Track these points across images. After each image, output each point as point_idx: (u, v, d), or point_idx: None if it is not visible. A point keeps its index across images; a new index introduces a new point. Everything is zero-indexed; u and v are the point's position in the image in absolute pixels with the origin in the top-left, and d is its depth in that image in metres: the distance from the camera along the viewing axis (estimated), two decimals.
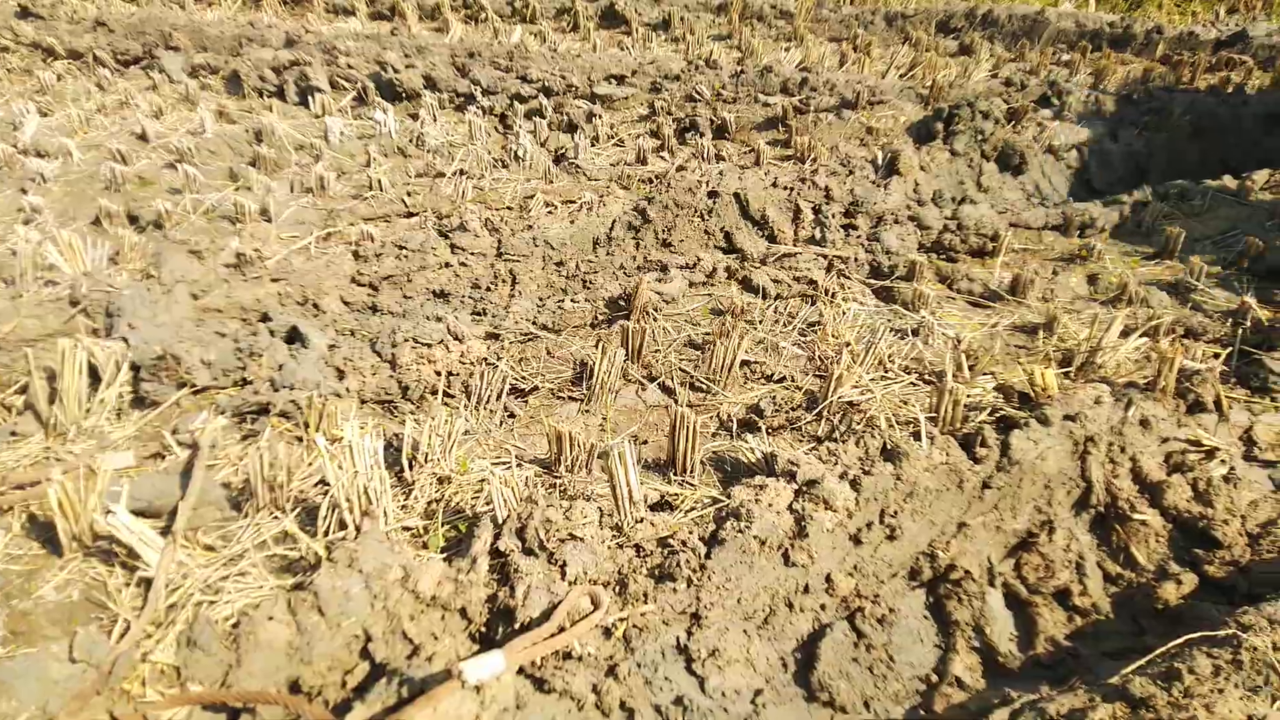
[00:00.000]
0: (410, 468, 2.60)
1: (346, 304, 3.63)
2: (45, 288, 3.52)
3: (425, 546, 2.35)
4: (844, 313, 3.52)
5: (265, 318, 3.38)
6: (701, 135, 5.33)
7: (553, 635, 1.93)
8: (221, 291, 3.52)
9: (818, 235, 4.09)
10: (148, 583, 2.16)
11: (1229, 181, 4.61)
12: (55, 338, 3.09)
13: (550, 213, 4.52)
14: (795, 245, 4.06)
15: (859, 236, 4.06)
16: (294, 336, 3.15)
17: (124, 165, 4.89)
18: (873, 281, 3.79)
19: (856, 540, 2.26)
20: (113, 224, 4.27)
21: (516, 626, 2.00)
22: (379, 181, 4.72)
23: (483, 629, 2.08)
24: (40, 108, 5.96)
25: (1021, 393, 2.89)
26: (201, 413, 2.80)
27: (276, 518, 2.40)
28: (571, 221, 4.36)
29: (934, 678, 2.09)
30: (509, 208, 4.62)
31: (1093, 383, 2.84)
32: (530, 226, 4.29)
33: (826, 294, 3.61)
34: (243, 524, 2.40)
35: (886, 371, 3.07)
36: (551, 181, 4.91)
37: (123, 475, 2.51)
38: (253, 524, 2.39)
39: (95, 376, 2.87)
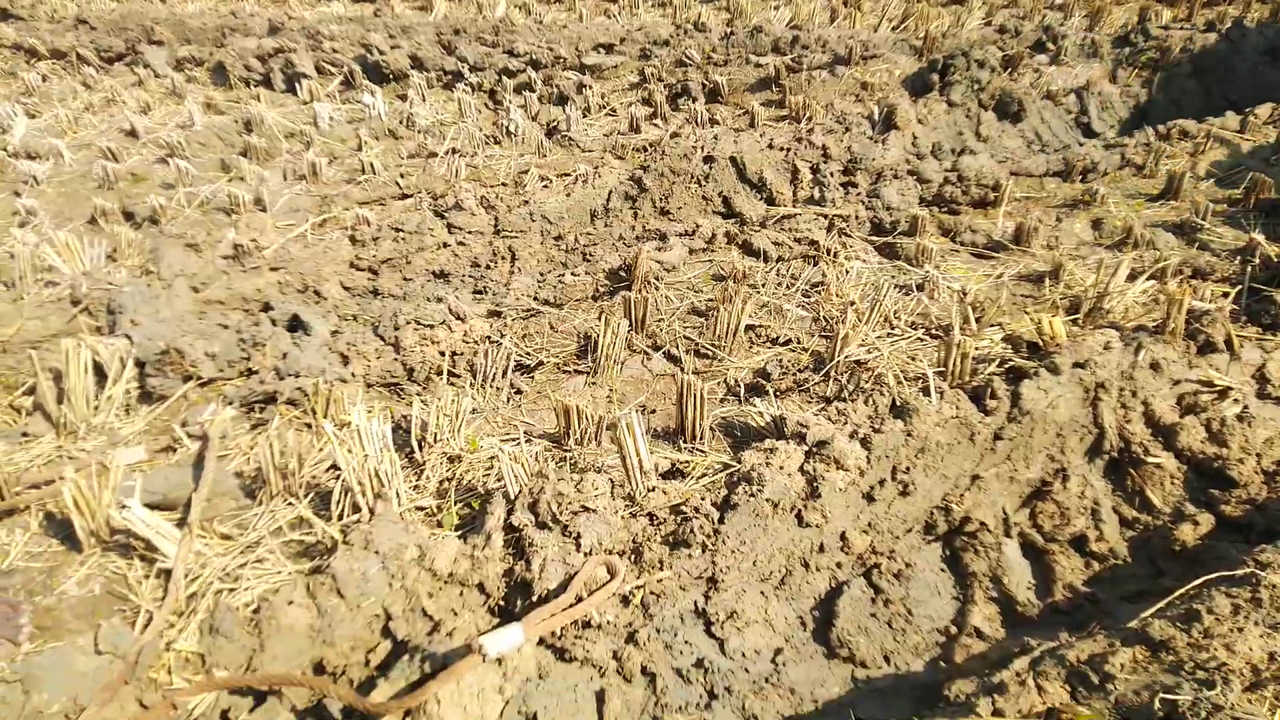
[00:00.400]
0: (420, 449, 2.60)
1: (347, 289, 3.62)
2: (46, 289, 3.51)
3: (440, 525, 2.36)
4: (847, 271, 3.50)
5: (266, 307, 3.37)
6: (694, 100, 5.27)
7: (571, 605, 1.94)
8: (221, 283, 3.51)
9: (817, 195, 4.05)
10: (167, 574, 2.17)
11: (1231, 118, 4.54)
12: (59, 338, 3.09)
13: (545, 187, 4.49)
14: (795, 206, 4.02)
15: (859, 194, 4.02)
16: (296, 324, 3.14)
17: (115, 163, 4.86)
18: (875, 238, 3.76)
19: (870, 498, 2.26)
20: (108, 222, 4.25)
21: (534, 599, 2.01)
22: (371, 165, 4.69)
23: (501, 603, 2.09)
24: (27, 110, 5.92)
25: (1030, 342, 2.87)
26: (209, 404, 2.80)
27: (290, 504, 2.41)
28: (567, 194, 4.33)
29: (953, 629, 2.10)
30: (504, 184, 4.59)
31: (1101, 328, 2.82)
32: (526, 202, 4.26)
33: (828, 254, 3.58)
34: (257, 512, 2.40)
35: (893, 328, 3.05)
36: (545, 155, 4.87)
37: (135, 470, 2.52)
38: (267, 511, 2.39)
39: (101, 374, 2.87)
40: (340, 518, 2.31)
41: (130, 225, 4.25)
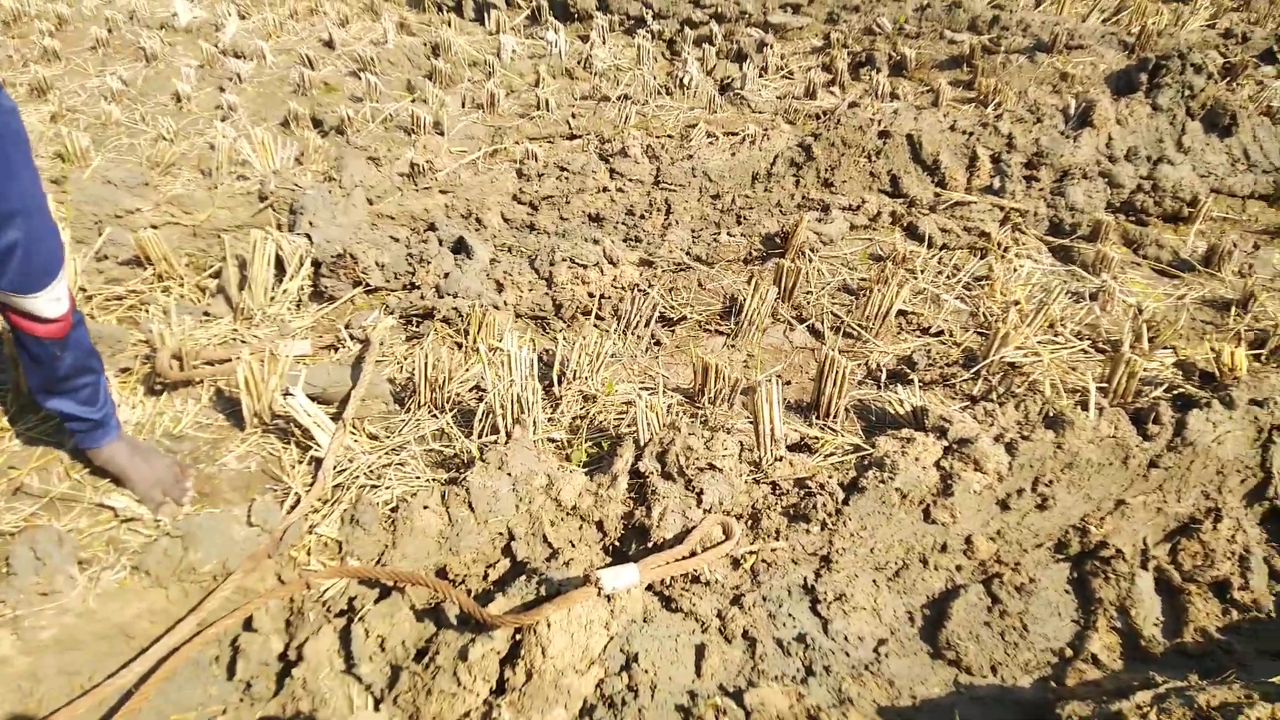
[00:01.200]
0: (559, 383, 2.68)
1: (506, 220, 3.74)
2: (238, 181, 3.79)
3: (568, 459, 2.44)
4: (1015, 269, 3.32)
5: (432, 227, 3.53)
6: (877, 71, 5.08)
7: (685, 558, 1.98)
8: (395, 199, 3.69)
9: (995, 185, 3.85)
10: (318, 462, 2.35)
11: None
12: (244, 228, 3.35)
13: (711, 143, 4.46)
14: (969, 194, 3.84)
15: (1040, 189, 3.79)
16: (459, 247, 3.28)
17: (311, 70, 5.15)
18: (1050, 239, 3.55)
19: (1004, 505, 2.18)
20: (299, 126, 4.53)
21: (650, 545, 2.06)
22: (546, 102, 4.78)
23: (616, 543, 2.16)
24: (240, 10, 6.34)
25: (1204, 372, 2.67)
26: (373, 311, 2.98)
27: (435, 416, 2.55)
28: (732, 154, 4.29)
29: (1068, 652, 2.02)
30: (670, 136, 4.59)
31: None
32: (690, 156, 4.25)
33: (999, 248, 3.41)
34: (404, 418, 2.56)
35: (1056, 335, 2.90)
36: (715, 112, 4.82)
37: (300, 362, 2.71)
38: (413, 419, 2.54)
39: (280, 269, 3.09)
40: (479, 436, 2.42)
41: (318, 132, 4.52)
